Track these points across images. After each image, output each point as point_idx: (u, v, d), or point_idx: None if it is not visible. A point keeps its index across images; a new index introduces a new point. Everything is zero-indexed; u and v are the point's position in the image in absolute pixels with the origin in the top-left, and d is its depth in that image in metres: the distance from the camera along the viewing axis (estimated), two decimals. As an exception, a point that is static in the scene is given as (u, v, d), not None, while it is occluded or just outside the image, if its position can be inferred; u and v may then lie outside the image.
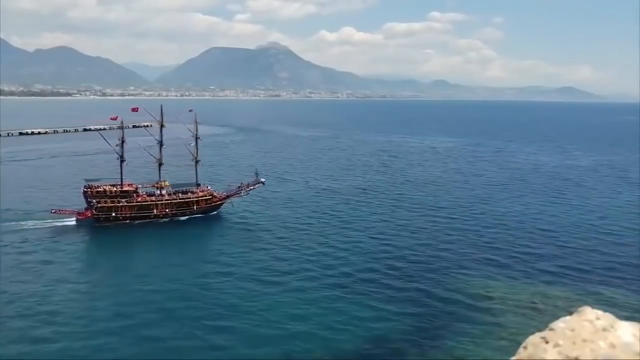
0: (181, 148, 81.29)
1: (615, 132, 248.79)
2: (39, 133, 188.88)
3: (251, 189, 76.15)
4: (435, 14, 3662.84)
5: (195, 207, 72.31)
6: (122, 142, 71.19)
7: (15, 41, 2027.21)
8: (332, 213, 74.28)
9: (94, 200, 67.47)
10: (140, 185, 72.50)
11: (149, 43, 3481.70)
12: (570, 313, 2.48)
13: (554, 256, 55.26)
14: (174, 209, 71.14)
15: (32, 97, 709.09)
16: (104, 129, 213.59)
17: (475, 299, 43.36)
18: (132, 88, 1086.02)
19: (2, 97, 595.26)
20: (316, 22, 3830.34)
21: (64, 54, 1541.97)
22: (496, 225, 67.89)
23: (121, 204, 68.38)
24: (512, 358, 2.44)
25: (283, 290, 45.33)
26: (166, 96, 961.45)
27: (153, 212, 69.95)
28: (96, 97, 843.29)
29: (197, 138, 77.43)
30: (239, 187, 76.10)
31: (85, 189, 68.86)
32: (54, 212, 66.14)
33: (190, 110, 77.00)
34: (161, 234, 65.76)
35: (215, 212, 73.96)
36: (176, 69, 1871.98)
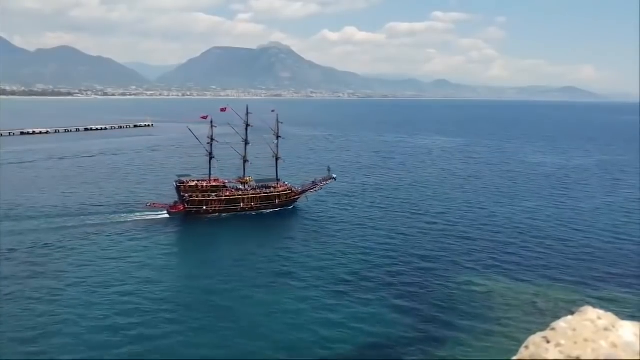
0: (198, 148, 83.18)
1: (615, 132, 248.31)
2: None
3: (324, 185, 79.37)
4: (438, 13, 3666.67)
5: (277, 201, 75.56)
6: (212, 139, 74.12)
7: (17, 41, 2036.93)
8: (339, 213, 74.25)
9: (186, 195, 70.78)
10: (226, 181, 75.68)
11: (151, 43, 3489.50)
12: (572, 313, 2.47)
13: (555, 256, 55.18)
14: (258, 203, 74.74)
15: (34, 97, 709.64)
16: (105, 128, 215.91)
17: (477, 299, 43.32)
18: (133, 88, 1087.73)
19: (3, 97, 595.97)
20: (318, 22, 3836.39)
21: (66, 53, 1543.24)
22: (497, 226, 67.80)
23: (211, 198, 71.96)
24: (514, 358, 2.44)
25: (291, 287, 45.43)
26: (167, 96, 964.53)
27: (240, 205, 73.67)
28: (98, 96, 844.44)
29: (278, 137, 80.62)
30: (313, 182, 80.00)
31: (178, 184, 72.48)
32: (149, 206, 70.52)
33: (272, 111, 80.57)
34: (251, 226, 68.70)
35: (292, 206, 77.41)
36: (177, 68, 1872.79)
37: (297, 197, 78.02)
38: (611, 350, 2.23)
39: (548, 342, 2.33)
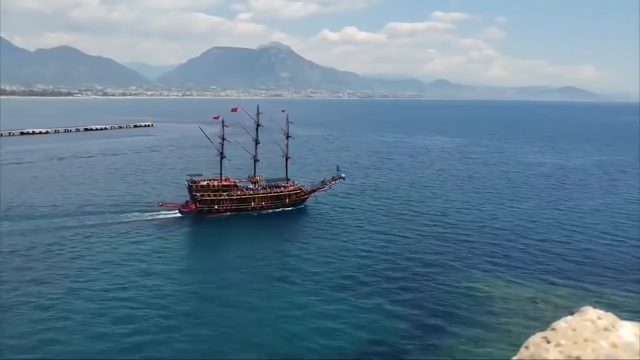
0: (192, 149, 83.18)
1: (615, 132, 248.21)
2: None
3: (333, 184, 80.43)
4: (439, 13, 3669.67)
5: (287, 200, 76.62)
6: (223, 139, 74.62)
7: (17, 41, 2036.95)
8: (339, 212, 74.19)
9: (198, 194, 71.49)
10: (237, 180, 76.22)
11: (151, 43, 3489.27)
12: (572, 313, 2.47)
13: (555, 256, 55.18)
14: (269, 202, 75.73)
15: (34, 97, 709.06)
16: (105, 128, 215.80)
17: (476, 299, 43.31)
18: (133, 88, 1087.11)
19: (3, 97, 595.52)
20: (319, 22, 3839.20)
21: (66, 53, 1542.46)
22: (496, 227, 67.78)
23: (222, 197, 72.73)
24: (514, 358, 2.44)
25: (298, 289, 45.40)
26: (167, 96, 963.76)
27: (250, 204, 74.55)
28: (97, 96, 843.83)
29: (288, 136, 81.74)
30: (322, 182, 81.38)
31: (190, 184, 72.91)
32: (161, 205, 70.64)
33: (282, 111, 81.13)
34: (258, 227, 69.19)
35: (301, 206, 78.33)
36: (177, 68, 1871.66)
37: (306, 196, 78.96)
38: (611, 350, 2.23)
39: (548, 342, 2.34)
